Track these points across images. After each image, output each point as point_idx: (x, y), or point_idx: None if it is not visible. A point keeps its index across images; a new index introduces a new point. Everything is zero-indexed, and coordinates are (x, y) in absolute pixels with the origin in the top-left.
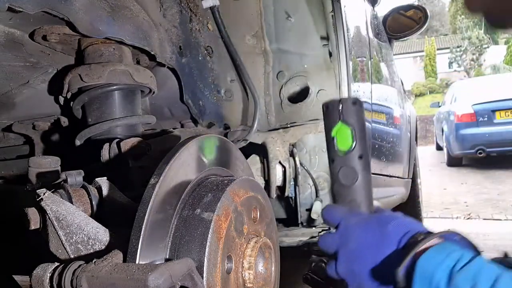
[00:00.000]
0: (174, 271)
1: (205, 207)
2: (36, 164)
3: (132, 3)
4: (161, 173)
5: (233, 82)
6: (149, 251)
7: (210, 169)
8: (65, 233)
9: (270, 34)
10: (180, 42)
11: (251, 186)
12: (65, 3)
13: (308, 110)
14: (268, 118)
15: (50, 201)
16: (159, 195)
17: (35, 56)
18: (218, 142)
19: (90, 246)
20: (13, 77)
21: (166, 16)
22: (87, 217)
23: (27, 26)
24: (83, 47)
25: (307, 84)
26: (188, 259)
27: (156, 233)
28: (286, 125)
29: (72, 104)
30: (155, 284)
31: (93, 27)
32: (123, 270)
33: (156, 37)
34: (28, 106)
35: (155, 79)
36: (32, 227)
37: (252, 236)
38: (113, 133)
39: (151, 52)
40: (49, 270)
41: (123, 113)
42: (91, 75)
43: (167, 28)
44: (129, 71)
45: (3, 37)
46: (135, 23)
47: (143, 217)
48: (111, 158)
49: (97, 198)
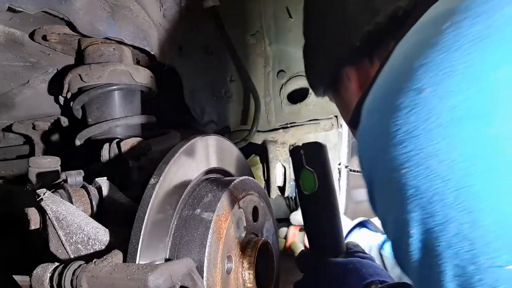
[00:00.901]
0: (174, 271)
1: (205, 207)
2: (36, 164)
3: (132, 3)
4: (161, 173)
5: (233, 82)
6: (149, 251)
7: (210, 169)
8: (65, 233)
9: (270, 34)
10: (180, 42)
11: (251, 186)
12: (65, 3)
13: (308, 110)
14: (268, 118)
15: (50, 201)
16: (159, 195)
17: (35, 56)
18: (218, 142)
19: (90, 246)
20: (13, 77)
21: (166, 16)
22: (87, 217)
23: (27, 26)
24: (83, 47)
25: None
26: (188, 259)
27: (156, 233)
28: (286, 125)
29: (72, 104)
30: (155, 284)
31: (93, 27)
32: (123, 270)
33: (156, 37)
34: (28, 106)
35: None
36: (32, 227)
37: (252, 236)
38: (113, 133)
39: (151, 52)
40: (49, 270)
41: (123, 113)
42: (91, 75)
43: (167, 28)
44: (129, 71)
45: (3, 37)
46: (135, 23)
47: (143, 217)
48: (111, 158)
49: (97, 198)
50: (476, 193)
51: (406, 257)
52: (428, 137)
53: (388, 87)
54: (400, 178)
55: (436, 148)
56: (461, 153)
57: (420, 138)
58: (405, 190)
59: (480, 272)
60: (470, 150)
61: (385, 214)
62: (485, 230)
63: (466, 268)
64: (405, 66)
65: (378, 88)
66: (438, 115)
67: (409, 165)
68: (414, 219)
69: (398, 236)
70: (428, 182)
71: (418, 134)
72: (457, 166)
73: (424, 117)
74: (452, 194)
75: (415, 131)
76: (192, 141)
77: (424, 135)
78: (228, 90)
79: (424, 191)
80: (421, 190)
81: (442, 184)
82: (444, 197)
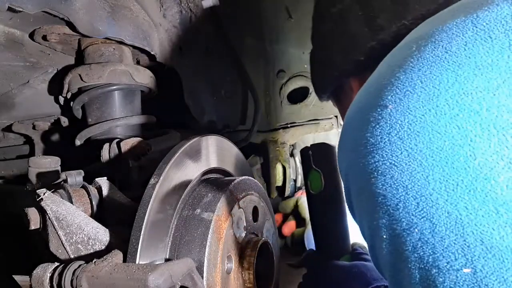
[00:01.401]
0: (174, 271)
1: (205, 207)
2: (36, 164)
3: (132, 3)
4: (161, 173)
5: (233, 82)
6: (149, 251)
7: (210, 169)
8: (65, 233)
9: (270, 34)
10: (180, 42)
11: (251, 186)
12: (65, 3)
13: (308, 110)
14: (268, 118)
15: (50, 201)
16: (159, 195)
17: (35, 56)
18: (218, 142)
19: (90, 246)
20: (13, 77)
21: (166, 16)
22: (87, 217)
23: (27, 26)
24: (83, 47)
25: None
26: (188, 259)
27: (156, 233)
28: (286, 125)
29: (72, 104)
30: (155, 284)
31: (93, 27)
32: (123, 270)
33: (156, 37)
34: (28, 106)
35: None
36: (32, 227)
37: (252, 236)
38: (113, 133)
39: (151, 52)
40: (49, 270)
41: (123, 113)
42: (91, 75)
43: (167, 28)
44: (129, 71)
45: (3, 37)
46: (135, 23)
47: (143, 217)
48: (111, 158)
49: (97, 198)
50: (434, 201)
51: (381, 261)
52: (391, 149)
53: (363, 102)
54: (370, 186)
55: (398, 159)
56: (419, 163)
57: (385, 149)
58: (375, 197)
59: (441, 275)
60: (428, 161)
61: (361, 219)
62: (443, 235)
63: (430, 271)
64: (377, 84)
65: (356, 102)
66: (399, 129)
67: (376, 174)
68: (384, 225)
69: (373, 240)
70: (393, 190)
71: (383, 146)
72: (416, 176)
73: (387, 131)
74: (414, 201)
75: (380, 143)
76: (192, 141)
77: (388, 147)
78: (228, 90)
79: (390, 199)
80: (388, 198)
81: (404, 192)
82: (407, 204)
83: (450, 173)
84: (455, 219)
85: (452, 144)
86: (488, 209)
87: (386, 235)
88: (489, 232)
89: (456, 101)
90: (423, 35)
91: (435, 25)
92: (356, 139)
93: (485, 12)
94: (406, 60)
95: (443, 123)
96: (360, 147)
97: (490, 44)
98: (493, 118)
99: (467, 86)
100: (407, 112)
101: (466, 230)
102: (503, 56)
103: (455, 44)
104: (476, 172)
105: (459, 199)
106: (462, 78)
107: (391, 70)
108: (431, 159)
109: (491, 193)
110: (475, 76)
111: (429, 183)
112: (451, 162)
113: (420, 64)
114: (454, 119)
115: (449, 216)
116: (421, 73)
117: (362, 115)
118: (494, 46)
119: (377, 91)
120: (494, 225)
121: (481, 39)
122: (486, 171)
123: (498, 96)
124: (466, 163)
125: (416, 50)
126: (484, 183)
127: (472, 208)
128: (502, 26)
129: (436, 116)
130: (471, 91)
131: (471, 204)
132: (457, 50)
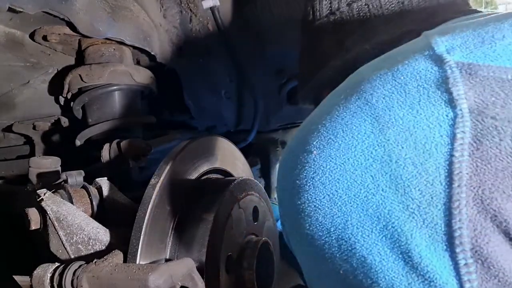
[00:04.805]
0: (174, 271)
1: (205, 207)
2: (37, 165)
3: (132, 4)
4: (161, 173)
5: (233, 82)
6: (150, 252)
7: (210, 169)
8: (65, 233)
9: (270, 33)
10: (180, 42)
11: (251, 186)
12: (65, 4)
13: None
14: (268, 118)
15: (51, 202)
16: (159, 195)
17: (35, 56)
18: (218, 142)
19: (91, 246)
20: (13, 77)
21: (166, 16)
22: (87, 218)
23: (27, 26)
24: (84, 48)
25: None
26: (188, 259)
27: (156, 234)
28: (286, 125)
29: (72, 105)
30: (156, 284)
31: (94, 27)
32: (123, 270)
33: (156, 37)
34: (28, 106)
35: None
36: (33, 227)
37: (252, 236)
38: (114, 133)
39: (151, 52)
40: (49, 270)
41: (124, 114)
42: (92, 75)
43: (167, 28)
44: (130, 72)
45: (3, 37)
46: (135, 24)
47: (143, 217)
48: (112, 158)
49: (97, 198)
50: (352, 245)
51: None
52: (315, 192)
53: (294, 145)
54: (299, 224)
55: (321, 203)
56: (339, 209)
57: (309, 193)
58: (303, 235)
59: None
60: (346, 207)
61: (296, 251)
62: (361, 278)
63: None
64: (307, 129)
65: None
66: (322, 175)
67: (303, 215)
68: (314, 264)
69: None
70: (319, 232)
71: (307, 190)
72: (337, 220)
73: (311, 175)
74: (336, 244)
75: (305, 186)
76: (193, 141)
77: (312, 190)
78: (228, 91)
79: (316, 240)
80: (315, 238)
81: (328, 235)
82: (331, 246)
83: (365, 220)
84: (370, 265)
85: (367, 192)
86: (396, 257)
87: (315, 274)
88: (399, 279)
89: (371, 152)
90: (352, 84)
91: (366, 73)
92: (286, 179)
93: (404, 66)
94: (333, 108)
95: (359, 172)
96: (289, 187)
97: (404, 98)
98: (400, 170)
99: (380, 138)
100: (329, 159)
101: (379, 275)
102: (412, 111)
103: (376, 96)
104: (386, 220)
105: (373, 245)
106: (377, 130)
107: (320, 116)
108: (349, 205)
109: (398, 241)
110: (388, 129)
111: (347, 227)
112: (365, 209)
113: (344, 113)
114: (369, 169)
115: (364, 261)
116: (344, 122)
117: (292, 157)
118: (406, 101)
119: (306, 135)
120: (403, 271)
121: (398, 92)
122: (394, 220)
123: (405, 149)
124: (378, 211)
125: (343, 98)
126: (392, 232)
127: (384, 255)
128: (416, 81)
129: (354, 165)
130: (384, 143)
131: (384, 250)
132: (376, 103)
